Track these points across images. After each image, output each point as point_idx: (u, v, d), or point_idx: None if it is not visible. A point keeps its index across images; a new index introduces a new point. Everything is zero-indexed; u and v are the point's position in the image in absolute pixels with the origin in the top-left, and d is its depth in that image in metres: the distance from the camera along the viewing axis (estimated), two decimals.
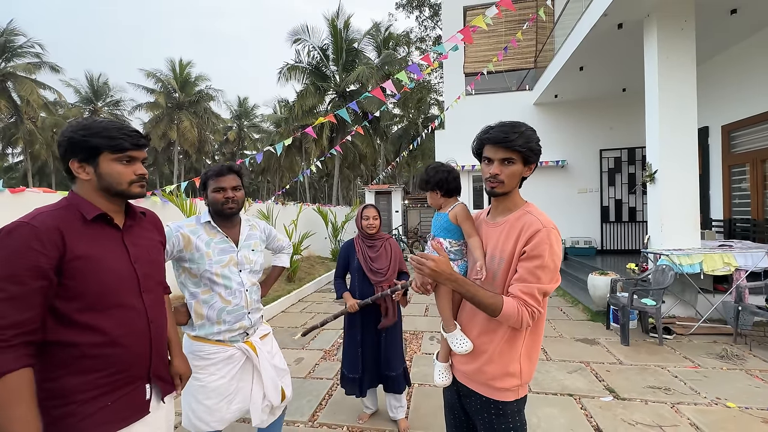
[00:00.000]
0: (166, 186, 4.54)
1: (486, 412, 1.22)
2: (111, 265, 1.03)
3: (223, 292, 1.58)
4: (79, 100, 27.16)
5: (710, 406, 2.60)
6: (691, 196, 4.43)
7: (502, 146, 1.15)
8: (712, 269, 4.01)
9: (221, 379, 1.58)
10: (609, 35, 5.18)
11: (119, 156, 1.05)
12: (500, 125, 1.18)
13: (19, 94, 21.14)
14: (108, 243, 1.06)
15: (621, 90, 7.56)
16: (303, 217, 8.27)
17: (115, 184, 1.05)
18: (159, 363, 1.17)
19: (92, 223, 1.03)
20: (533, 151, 1.16)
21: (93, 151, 1.02)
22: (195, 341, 1.58)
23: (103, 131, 1.03)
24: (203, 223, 1.62)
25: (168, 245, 1.47)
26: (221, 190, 1.61)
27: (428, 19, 19.22)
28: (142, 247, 1.15)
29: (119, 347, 1.03)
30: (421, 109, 22.89)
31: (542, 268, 1.09)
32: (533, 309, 1.09)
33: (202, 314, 1.57)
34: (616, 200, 8.27)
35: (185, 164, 30.73)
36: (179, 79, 27.19)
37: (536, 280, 1.10)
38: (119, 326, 1.03)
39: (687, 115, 4.41)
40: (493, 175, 1.18)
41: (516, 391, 1.20)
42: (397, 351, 2.44)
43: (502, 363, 1.18)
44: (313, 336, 4.36)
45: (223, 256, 1.60)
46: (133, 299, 1.08)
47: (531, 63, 9.02)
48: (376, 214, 2.47)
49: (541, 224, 1.12)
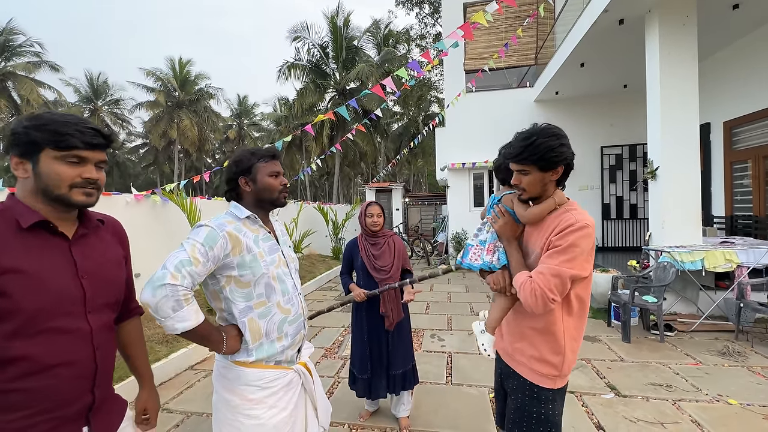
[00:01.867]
0: (166, 185, 4.53)
1: (521, 392, 1.28)
2: (48, 280, 0.86)
3: (281, 299, 1.33)
4: (79, 100, 27.13)
5: (712, 403, 2.60)
6: (692, 192, 4.42)
7: (512, 161, 1.25)
8: (714, 266, 4.00)
9: (282, 411, 1.31)
10: (610, 31, 5.14)
11: (64, 154, 0.88)
12: (514, 140, 1.26)
13: (19, 94, 21.10)
14: (48, 255, 0.89)
15: (622, 86, 7.52)
16: (303, 216, 8.27)
17: (52, 187, 0.89)
18: (104, 399, 0.99)
19: (29, 231, 0.87)
20: (546, 160, 1.19)
21: (33, 145, 0.87)
22: (252, 369, 1.28)
23: (49, 124, 0.87)
24: (243, 218, 1.33)
25: (215, 250, 1.19)
26: (278, 175, 1.39)
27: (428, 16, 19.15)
28: (94, 261, 0.98)
29: (50, 379, 0.85)
30: (422, 106, 22.84)
31: (559, 252, 1.14)
32: (536, 286, 1.13)
33: (260, 331, 1.28)
34: (617, 197, 8.25)
35: (186, 163, 30.72)
36: (179, 78, 27.15)
37: (555, 263, 1.14)
38: (52, 354, 0.85)
39: (689, 111, 4.38)
40: (515, 185, 1.27)
41: (553, 380, 1.24)
42: (407, 349, 2.45)
43: (543, 349, 1.24)
44: (314, 334, 4.36)
45: (273, 255, 1.35)
46: (74, 321, 0.90)
47: (531, 60, 8.97)
48: (380, 211, 2.44)
49: (575, 219, 1.16)
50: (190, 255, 1.15)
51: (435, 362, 3.43)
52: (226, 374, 1.30)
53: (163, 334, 3.60)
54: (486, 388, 2.91)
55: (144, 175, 35.13)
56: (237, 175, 1.39)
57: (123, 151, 34.14)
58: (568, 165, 1.24)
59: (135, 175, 34.92)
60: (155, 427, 1.19)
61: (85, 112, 26.81)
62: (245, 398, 1.27)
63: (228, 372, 1.30)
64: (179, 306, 1.10)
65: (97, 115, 27.07)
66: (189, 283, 1.13)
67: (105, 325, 0.99)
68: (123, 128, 30.24)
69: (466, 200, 9.26)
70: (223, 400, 1.30)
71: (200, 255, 1.16)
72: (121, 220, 1.20)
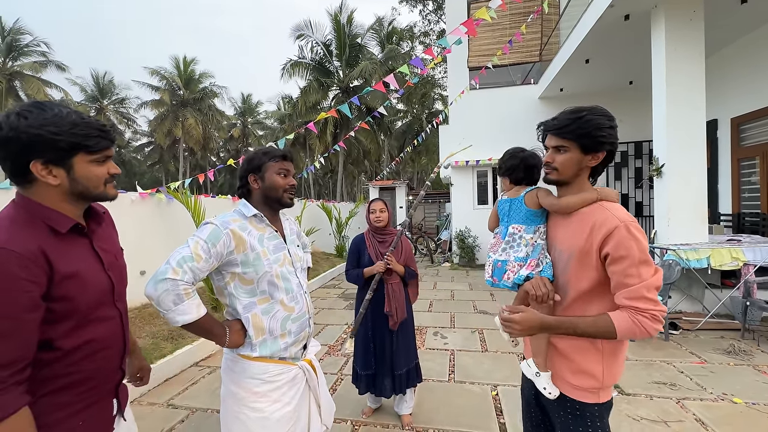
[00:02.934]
0: (171, 183, 4.56)
1: (563, 410, 1.14)
2: (91, 277, 0.94)
3: (285, 297, 1.35)
4: (85, 99, 27.37)
5: (716, 401, 2.59)
6: (698, 190, 4.37)
7: (552, 134, 1.12)
8: (720, 264, 3.96)
9: (286, 406, 1.34)
10: (615, 27, 5.09)
11: (96, 156, 0.92)
12: (562, 111, 1.13)
13: (27, 93, 21.32)
14: (83, 255, 0.95)
15: (628, 83, 7.45)
16: (307, 213, 8.29)
17: (92, 188, 0.93)
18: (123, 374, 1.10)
19: (66, 235, 0.91)
20: (591, 138, 1.07)
21: (66, 151, 0.87)
22: (257, 362, 1.32)
23: (75, 128, 0.87)
24: (249, 216, 1.35)
25: (217, 247, 1.23)
26: (286, 174, 1.40)
27: (432, 13, 19.06)
28: (110, 253, 1.05)
29: (97, 362, 0.95)
30: (425, 104, 22.76)
31: (637, 264, 0.99)
32: (651, 312, 0.98)
33: (263, 328, 1.31)
34: (622, 195, 8.18)
35: (190, 161, 30.89)
36: (183, 77, 27.28)
37: (638, 280, 0.99)
38: (99, 341, 0.95)
39: (695, 107, 4.33)
40: (546, 163, 1.15)
41: (596, 394, 1.11)
42: (410, 347, 2.44)
43: (579, 360, 1.11)
44: (318, 331, 4.39)
45: (278, 254, 1.37)
46: (109, 309, 1.00)
47: (536, 56, 8.90)
48: (383, 207, 2.42)
49: (617, 219, 1.03)
50: (192, 251, 1.19)
51: (438, 360, 3.44)
52: (232, 367, 1.34)
53: (169, 331, 3.64)
54: (488, 386, 2.92)
55: (149, 173, 35.40)
56: (247, 173, 1.42)
57: (129, 150, 34.42)
58: (611, 152, 1.11)
59: (141, 173, 35.20)
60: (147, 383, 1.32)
61: (91, 111, 27.04)
62: (250, 391, 1.30)
63: (234, 365, 1.33)
64: (180, 300, 1.15)
65: (103, 113, 27.30)
66: (190, 278, 1.17)
67: (126, 309, 1.09)
68: (129, 127, 30.49)
69: (469, 198, 9.23)
70: (230, 393, 1.33)
71: (202, 251, 1.20)
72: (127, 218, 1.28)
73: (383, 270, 2.28)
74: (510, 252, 1.24)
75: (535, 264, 1.18)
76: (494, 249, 1.30)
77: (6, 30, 21.13)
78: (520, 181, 1.32)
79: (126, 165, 34.05)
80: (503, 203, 1.32)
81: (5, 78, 20.77)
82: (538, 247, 1.21)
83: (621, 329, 0.99)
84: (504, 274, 1.23)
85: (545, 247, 1.22)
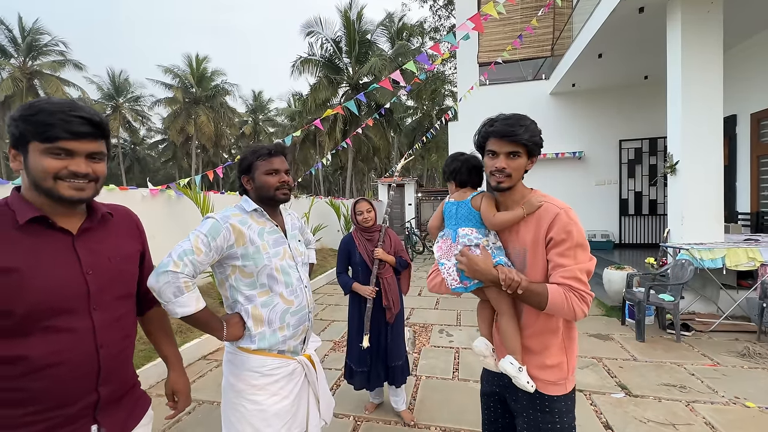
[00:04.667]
0: (180, 179, 4.63)
1: (531, 407, 1.18)
2: (45, 279, 0.83)
3: (284, 291, 1.37)
4: (101, 97, 27.99)
5: (728, 405, 2.52)
6: (714, 187, 4.24)
7: (507, 140, 1.13)
8: (736, 264, 3.84)
9: (284, 399, 1.36)
10: (629, 20, 4.96)
11: (48, 147, 0.83)
12: (505, 118, 1.16)
13: (46, 92, 21.92)
14: (46, 251, 0.86)
15: (642, 78, 7.25)
16: (315, 210, 8.33)
17: (40, 180, 0.84)
18: (117, 396, 0.97)
19: (26, 227, 0.84)
20: (538, 145, 1.16)
21: (22, 138, 0.83)
22: (255, 355, 1.33)
23: (35, 114, 0.82)
24: (250, 211, 1.39)
25: (217, 241, 1.25)
26: (275, 173, 1.40)
27: (442, 8, 18.84)
28: (101, 255, 0.95)
29: (46, 379, 0.82)
30: (436, 100, 22.59)
31: (574, 247, 1.07)
32: (581, 292, 1.05)
33: (261, 319, 1.33)
34: (635, 192, 8.00)
35: (203, 158, 31.35)
36: (196, 75, 27.64)
37: (573, 261, 1.07)
38: (48, 354, 0.82)
39: (712, 103, 4.20)
40: (500, 169, 1.15)
41: (563, 385, 1.17)
42: (400, 341, 2.47)
43: (544, 353, 1.17)
44: (324, 327, 4.42)
45: (278, 248, 1.39)
46: (74, 319, 0.87)
47: (548, 51, 8.74)
48: (369, 207, 2.45)
49: (557, 207, 1.12)
50: (193, 245, 1.22)
51: (443, 357, 3.42)
52: (232, 360, 1.37)
53: (178, 325, 3.70)
54: None
55: (163, 170, 36.05)
56: (240, 174, 1.45)
57: (143, 147, 35.12)
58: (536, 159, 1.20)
59: (155, 170, 35.89)
60: (184, 409, 1.23)
61: (107, 109, 27.65)
62: (249, 383, 1.32)
63: (234, 358, 1.36)
64: (180, 292, 1.17)
65: (119, 111, 27.88)
66: (190, 271, 1.20)
67: (113, 320, 0.95)
68: (143, 124, 31.10)
69: None
70: (230, 385, 1.37)
71: (203, 245, 1.23)
72: (138, 214, 1.21)
73: (373, 296, 2.31)
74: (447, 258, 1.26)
75: None
76: (447, 255, 1.26)
77: (26, 30, 21.71)
78: (465, 184, 1.32)
79: (141, 162, 34.79)
80: (449, 206, 1.31)
81: (25, 77, 21.37)
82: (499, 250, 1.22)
83: (552, 300, 1.05)
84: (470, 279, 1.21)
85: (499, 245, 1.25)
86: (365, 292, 2.32)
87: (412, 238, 10.25)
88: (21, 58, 21.87)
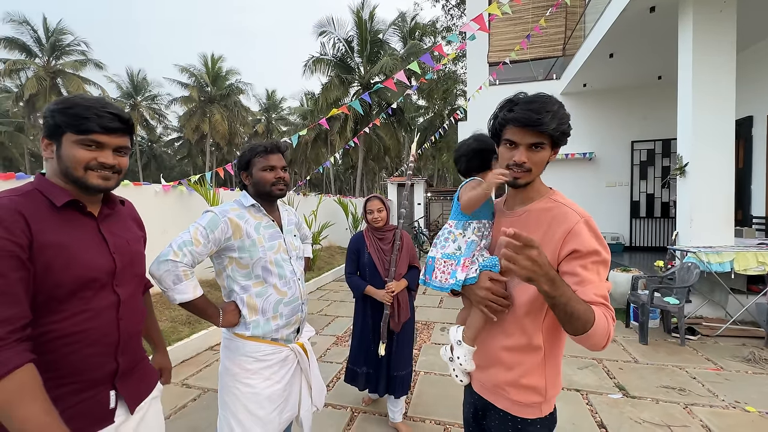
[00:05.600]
0: (191, 176, 4.78)
1: (503, 428, 1.06)
2: (84, 255, 0.92)
3: (278, 282, 1.44)
4: (120, 95, 28.77)
5: (727, 409, 2.50)
6: (725, 190, 4.17)
7: (531, 129, 0.93)
8: (745, 268, 3.77)
9: (276, 384, 1.43)
10: (640, 19, 4.89)
11: (82, 138, 0.91)
12: (527, 101, 0.95)
13: (68, 90, 22.67)
14: (80, 231, 0.94)
15: (655, 78, 7.11)
16: (323, 208, 8.44)
17: (71, 169, 0.92)
18: (132, 366, 1.05)
19: (62, 210, 0.92)
20: (566, 134, 0.97)
21: (57, 128, 0.91)
22: (250, 341, 1.40)
23: (72, 107, 0.90)
24: (248, 206, 1.46)
25: (215, 233, 1.34)
26: (271, 169, 1.46)
27: (455, 7, 18.74)
28: (121, 238, 1.05)
29: (74, 346, 0.90)
30: (448, 100, 22.50)
31: (602, 263, 0.92)
32: (612, 314, 0.89)
33: (256, 307, 1.40)
34: (647, 194, 7.86)
35: (217, 156, 31.91)
36: (211, 74, 28.16)
37: (600, 279, 0.91)
38: (77, 324, 0.90)
39: (724, 104, 4.12)
40: (519, 164, 0.96)
41: (538, 408, 1.03)
42: (408, 352, 2.35)
43: (521, 371, 1.02)
44: (328, 322, 4.50)
45: (273, 242, 1.46)
46: (102, 294, 0.96)
47: (559, 51, 8.65)
48: (381, 206, 2.29)
49: (577, 215, 0.95)
50: (192, 236, 1.31)
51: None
52: (229, 345, 1.45)
53: (187, 316, 3.84)
54: None
55: (179, 167, 36.83)
56: (239, 170, 1.53)
57: (160, 144, 35.94)
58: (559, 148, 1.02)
59: (170, 167, 36.68)
60: (169, 382, 1.33)
61: (126, 107, 28.41)
62: (243, 368, 1.40)
63: (230, 343, 1.44)
64: (179, 280, 1.26)
65: (137, 110, 28.60)
66: (189, 261, 1.29)
67: (130, 297, 1.04)
68: (160, 122, 31.82)
69: None
70: (226, 369, 1.45)
71: (201, 237, 1.32)
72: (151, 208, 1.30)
73: (390, 301, 2.17)
74: (438, 249, 1.13)
75: (469, 263, 1.06)
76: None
77: (50, 30, 22.48)
78: (468, 173, 1.20)
79: (157, 159, 35.60)
80: None
81: (49, 76, 22.12)
82: (471, 245, 1.09)
83: (597, 327, 0.84)
84: (433, 272, 1.11)
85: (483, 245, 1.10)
86: (382, 298, 2.17)
87: (420, 238, 10.29)
88: (45, 57, 22.65)
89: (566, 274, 0.91)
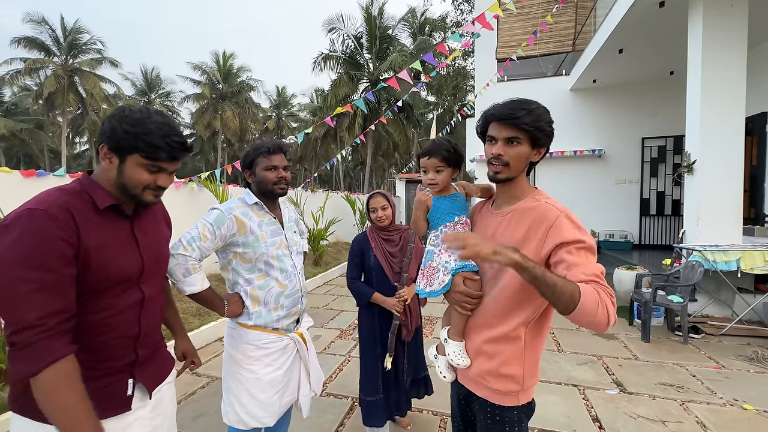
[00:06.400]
0: (201, 173, 4.92)
1: (483, 414, 1.13)
2: (118, 254, 0.99)
3: (279, 276, 1.52)
4: (135, 93, 29.33)
5: (724, 406, 2.51)
6: (733, 188, 4.12)
7: (506, 123, 1.02)
8: (751, 267, 3.73)
9: (277, 370, 1.52)
10: (650, 15, 4.82)
11: (149, 164, 0.98)
12: (508, 101, 1.05)
13: (84, 88, 23.24)
14: (117, 232, 1.01)
15: (666, 74, 6.98)
16: (330, 204, 8.55)
17: (130, 187, 0.99)
18: (150, 356, 1.11)
19: (103, 212, 0.98)
20: (543, 132, 1.02)
21: (126, 147, 0.96)
22: (252, 330, 1.50)
23: (146, 134, 0.95)
24: (251, 204, 1.54)
25: (222, 230, 1.42)
26: (273, 169, 1.53)
27: (464, 2, 18.57)
28: (151, 238, 1.11)
29: (103, 336, 0.98)
30: (458, 96, 22.35)
31: (586, 249, 0.95)
32: (609, 291, 0.89)
33: (258, 299, 1.49)
34: (658, 192, 7.74)
35: (228, 152, 32.35)
36: (222, 71, 28.47)
37: (588, 261, 0.94)
38: (103, 318, 0.97)
39: (734, 101, 4.06)
40: (496, 156, 1.04)
41: (516, 396, 1.09)
42: (422, 353, 2.24)
43: (500, 360, 1.07)
44: (333, 316, 4.61)
45: (275, 238, 1.55)
46: (131, 291, 1.03)
47: (569, 46, 8.53)
48: (385, 203, 2.07)
49: (557, 210, 1.00)
50: (200, 232, 1.41)
51: None
52: (232, 334, 1.55)
53: (197, 308, 3.99)
54: None
55: (191, 163, 37.40)
56: (243, 169, 1.63)
57: None
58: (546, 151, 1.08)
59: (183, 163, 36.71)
60: (200, 363, 1.44)
61: (140, 104, 28.92)
62: (246, 355, 1.50)
63: (234, 332, 1.54)
64: (188, 273, 1.36)
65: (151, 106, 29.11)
66: (197, 255, 1.39)
67: (154, 293, 1.11)
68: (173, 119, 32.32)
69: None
70: (229, 356, 1.56)
71: (209, 233, 1.42)
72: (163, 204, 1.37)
73: (401, 310, 2.00)
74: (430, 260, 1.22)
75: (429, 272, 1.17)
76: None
77: (68, 30, 23.03)
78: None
79: None
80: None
81: (66, 74, 22.69)
82: (428, 254, 1.19)
83: (585, 299, 0.86)
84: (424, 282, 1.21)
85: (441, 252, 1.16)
86: (392, 307, 1.99)
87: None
88: (63, 56, 23.22)
89: (555, 264, 0.96)
